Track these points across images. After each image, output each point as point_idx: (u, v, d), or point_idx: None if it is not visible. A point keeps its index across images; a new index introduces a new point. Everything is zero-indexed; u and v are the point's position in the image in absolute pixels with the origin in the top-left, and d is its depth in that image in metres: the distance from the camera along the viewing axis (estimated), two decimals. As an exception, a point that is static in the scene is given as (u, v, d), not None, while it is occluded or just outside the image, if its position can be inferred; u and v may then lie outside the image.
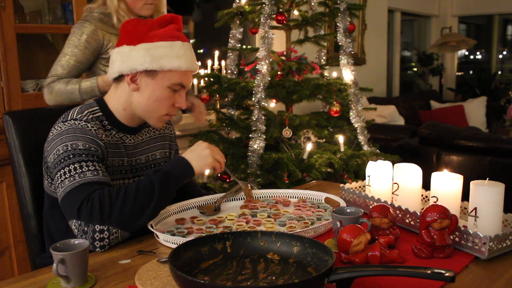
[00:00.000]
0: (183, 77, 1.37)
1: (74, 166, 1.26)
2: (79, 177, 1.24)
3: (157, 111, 1.40)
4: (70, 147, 1.28)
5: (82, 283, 1.03)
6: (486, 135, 3.78)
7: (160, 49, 1.32)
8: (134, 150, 1.48)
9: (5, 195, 2.30)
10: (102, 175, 1.28)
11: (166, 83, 1.35)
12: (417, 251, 1.14)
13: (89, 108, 1.39)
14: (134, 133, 1.48)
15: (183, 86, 1.39)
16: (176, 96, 1.40)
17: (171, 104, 1.40)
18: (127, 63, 1.34)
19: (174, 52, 1.33)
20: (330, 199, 1.54)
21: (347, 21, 2.90)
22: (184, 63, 1.35)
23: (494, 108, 6.27)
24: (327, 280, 0.88)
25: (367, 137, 2.94)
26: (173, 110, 1.42)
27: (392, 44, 6.51)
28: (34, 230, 1.54)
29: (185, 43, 1.38)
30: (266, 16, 2.63)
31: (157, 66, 1.32)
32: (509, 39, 8.60)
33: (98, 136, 1.33)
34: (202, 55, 4.56)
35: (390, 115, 5.19)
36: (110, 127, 1.41)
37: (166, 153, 1.60)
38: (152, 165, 1.53)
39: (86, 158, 1.27)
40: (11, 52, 2.29)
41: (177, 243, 1.18)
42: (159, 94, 1.36)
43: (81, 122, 1.33)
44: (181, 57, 1.35)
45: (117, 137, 1.42)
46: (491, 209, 1.15)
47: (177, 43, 1.35)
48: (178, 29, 1.39)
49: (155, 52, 1.32)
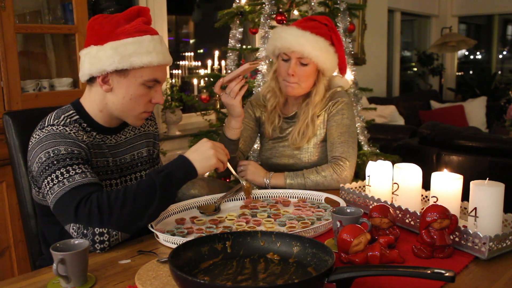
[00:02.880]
0: (156, 72, 1.33)
1: (60, 172, 1.23)
2: (68, 182, 1.22)
3: (134, 110, 1.36)
4: (52, 153, 1.25)
5: (82, 283, 1.03)
6: (486, 135, 3.78)
7: (128, 46, 1.28)
8: (118, 150, 1.45)
9: (5, 195, 2.30)
10: (90, 176, 1.25)
11: (139, 80, 1.32)
12: (417, 251, 1.14)
13: (65, 113, 1.35)
14: (115, 133, 1.45)
15: (158, 81, 1.36)
16: (152, 92, 1.36)
17: (147, 101, 1.36)
18: (96, 64, 1.30)
19: (144, 47, 1.29)
20: (330, 199, 1.54)
21: (347, 21, 2.90)
22: (155, 58, 1.30)
23: (494, 108, 6.27)
24: (327, 280, 0.88)
25: (367, 137, 2.94)
26: (150, 106, 1.39)
27: (392, 44, 6.51)
28: (34, 230, 1.54)
29: (155, 36, 1.33)
30: (266, 16, 2.63)
31: (127, 64, 1.28)
32: (509, 39, 8.59)
33: (78, 139, 1.30)
34: (202, 55, 4.56)
35: (390, 115, 5.19)
36: (90, 129, 1.38)
37: (151, 150, 1.58)
38: (139, 163, 1.51)
39: (71, 161, 1.25)
40: (11, 52, 2.29)
41: (177, 243, 1.18)
42: (134, 93, 1.33)
43: (59, 127, 1.30)
44: (151, 52, 1.30)
45: (99, 138, 1.39)
46: (491, 209, 1.15)
47: (146, 38, 1.30)
48: (146, 22, 1.34)
49: (123, 51, 1.28)
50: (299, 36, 1.74)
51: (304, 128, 1.82)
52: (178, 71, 4.11)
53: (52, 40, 2.80)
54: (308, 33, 1.74)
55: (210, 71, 3.58)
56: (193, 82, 3.57)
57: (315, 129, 1.83)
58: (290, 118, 1.89)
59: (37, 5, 2.73)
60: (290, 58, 1.75)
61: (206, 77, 3.14)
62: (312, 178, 1.73)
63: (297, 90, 1.79)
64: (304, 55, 1.72)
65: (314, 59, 1.73)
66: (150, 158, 1.57)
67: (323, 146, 1.85)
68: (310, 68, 1.76)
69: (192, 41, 4.87)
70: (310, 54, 1.72)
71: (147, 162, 1.55)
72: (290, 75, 1.75)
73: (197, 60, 4.33)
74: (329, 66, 1.78)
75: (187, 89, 4.13)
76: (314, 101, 1.81)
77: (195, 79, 3.56)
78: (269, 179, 1.75)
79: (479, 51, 8.55)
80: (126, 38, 1.29)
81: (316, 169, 1.76)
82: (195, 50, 4.75)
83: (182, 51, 4.53)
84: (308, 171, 1.75)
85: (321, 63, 1.75)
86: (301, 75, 1.75)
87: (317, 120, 1.83)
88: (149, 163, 1.56)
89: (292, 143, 1.84)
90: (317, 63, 1.75)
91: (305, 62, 1.74)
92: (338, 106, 1.81)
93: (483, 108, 6.14)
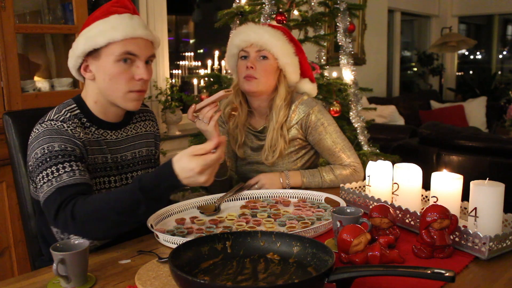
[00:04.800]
0: (127, 46, 1.31)
1: (51, 170, 1.24)
2: (56, 181, 1.22)
3: (118, 90, 1.34)
4: (46, 150, 1.26)
5: (82, 283, 1.03)
6: (486, 135, 3.79)
7: (94, 29, 1.31)
8: (118, 146, 1.45)
9: (5, 195, 2.30)
10: (79, 175, 1.25)
11: (111, 58, 1.31)
12: (417, 251, 1.14)
13: (67, 107, 1.37)
14: (116, 129, 1.45)
15: (134, 55, 1.32)
16: (133, 68, 1.33)
17: (129, 78, 1.33)
18: (72, 57, 1.36)
19: (109, 25, 1.30)
20: (330, 199, 1.54)
21: (347, 21, 2.90)
22: (121, 32, 1.29)
23: (494, 108, 6.27)
24: (327, 280, 0.88)
25: (367, 137, 2.94)
26: (136, 84, 1.35)
27: (392, 44, 6.51)
28: (34, 230, 1.54)
29: (123, 14, 1.32)
30: (266, 16, 2.63)
31: (93, 44, 1.30)
32: (509, 39, 8.60)
33: (75, 136, 1.31)
34: (202, 55, 4.56)
35: (390, 115, 5.19)
36: (90, 124, 1.38)
37: (152, 150, 1.57)
38: (139, 162, 1.51)
39: (63, 159, 1.25)
40: (11, 52, 2.29)
41: (177, 243, 1.18)
42: (110, 71, 1.31)
43: (57, 122, 1.31)
44: (117, 27, 1.30)
45: (98, 134, 1.39)
46: (491, 209, 1.15)
47: (112, 17, 1.31)
48: (114, 5, 1.34)
49: (90, 34, 1.31)
50: (257, 28, 1.74)
51: (275, 141, 1.77)
52: (178, 71, 4.12)
53: (52, 40, 2.80)
54: (266, 26, 1.75)
55: (210, 71, 3.58)
56: (193, 82, 3.57)
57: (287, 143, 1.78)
58: (260, 132, 1.84)
59: (37, 5, 2.73)
60: (249, 54, 1.73)
61: (206, 77, 3.14)
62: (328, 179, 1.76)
63: (256, 86, 1.71)
64: (263, 46, 1.70)
65: (273, 50, 1.70)
66: (150, 158, 1.56)
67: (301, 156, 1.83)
68: (270, 63, 1.72)
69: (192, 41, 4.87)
70: (268, 44, 1.69)
71: (147, 162, 1.55)
72: (249, 67, 1.70)
73: (197, 60, 4.33)
74: (289, 61, 1.74)
75: (187, 89, 4.13)
76: (276, 105, 1.75)
77: (195, 79, 3.56)
78: (288, 180, 1.75)
79: (479, 51, 8.56)
80: (94, 22, 1.32)
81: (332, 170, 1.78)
82: (195, 50, 4.75)
83: (182, 51, 4.54)
84: (324, 171, 1.78)
85: (280, 56, 1.72)
86: (261, 69, 1.70)
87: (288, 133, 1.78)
88: (149, 163, 1.56)
89: (265, 159, 1.80)
90: (276, 56, 1.71)
91: (264, 54, 1.72)
92: (312, 118, 1.76)
93: (483, 108, 6.14)
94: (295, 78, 1.80)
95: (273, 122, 1.77)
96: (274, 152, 1.78)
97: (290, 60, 1.75)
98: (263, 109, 1.82)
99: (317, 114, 1.77)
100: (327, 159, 1.84)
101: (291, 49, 1.76)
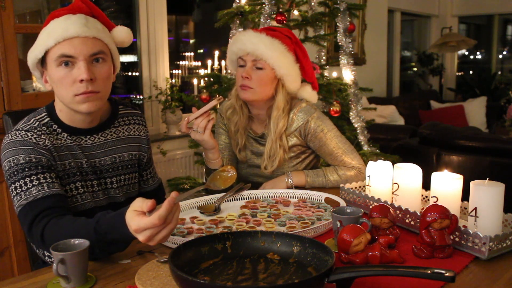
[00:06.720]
0: (61, 48, 1.27)
1: (19, 183, 1.24)
2: (25, 195, 1.23)
3: (65, 95, 1.30)
4: (12, 163, 1.26)
5: (82, 283, 1.03)
6: (486, 135, 3.79)
7: (37, 40, 1.31)
8: (96, 151, 1.40)
9: (5, 195, 2.30)
10: (47, 187, 1.24)
11: (52, 64, 1.29)
12: (417, 251, 1.14)
13: (37, 116, 1.36)
14: (91, 134, 1.41)
15: (69, 56, 1.27)
16: (74, 70, 1.27)
17: (72, 82, 1.28)
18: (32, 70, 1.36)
19: (45, 32, 1.29)
20: (330, 199, 1.54)
21: (347, 21, 2.90)
22: (53, 36, 1.27)
23: (494, 108, 6.28)
24: (327, 280, 0.88)
25: (367, 137, 2.94)
26: (79, 86, 1.28)
27: (392, 44, 6.51)
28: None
29: (60, 17, 1.30)
30: (266, 16, 2.63)
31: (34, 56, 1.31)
32: (509, 39, 8.59)
33: (39, 144, 1.29)
34: (202, 55, 4.56)
35: (390, 115, 5.19)
36: (61, 130, 1.36)
37: (136, 155, 1.51)
38: (120, 167, 1.46)
39: (29, 172, 1.24)
40: (11, 52, 2.29)
41: (177, 243, 1.18)
42: (55, 78, 1.29)
43: (21, 132, 1.30)
44: (51, 32, 1.28)
45: (71, 139, 1.36)
46: (491, 209, 1.16)
47: (51, 23, 1.30)
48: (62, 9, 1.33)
49: (34, 46, 1.31)
50: (253, 37, 1.70)
51: (274, 151, 1.76)
52: (178, 71, 4.12)
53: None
54: (263, 35, 1.70)
55: (210, 71, 3.58)
56: (193, 82, 3.57)
57: (286, 151, 1.78)
58: (260, 137, 1.85)
59: (37, 5, 2.74)
60: (245, 63, 1.71)
61: (206, 77, 3.14)
62: (332, 178, 1.77)
63: (251, 95, 1.71)
64: (258, 57, 1.68)
65: (269, 61, 1.68)
66: (134, 163, 1.51)
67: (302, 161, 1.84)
68: (266, 73, 1.70)
69: (192, 41, 4.87)
70: (264, 55, 1.67)
71: (130, 167, 1.49)
72: (244, 77, 1.69)
73: (197, 60, 4.33)
74: (287, 72, 1.71)
75: (187, 89, 4.13)
76: (274, 116, 1.75)
77: (195, 79, 3.57)
78: (291, 179, 1.75)
79: (479, 51, 8.55)
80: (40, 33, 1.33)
81: (336, 170, 1.78)
82: (195, 50, 4.75)
83: (182, 51, 4.54)
84: (328, 171, 1.78)
85: (277, 67, 1.69)
86: (256, 79, 1.69)
87: (288, 141, 1.78)
88: (132, 168, 1.50)
89: (264, 168, 1.79)
90: (272, 66, 1.69)
91: (260, 66, 1.70)
92: (311, 125, 1.76)
93: (483, 108, 6.14)
94: (295, 87, 1.77)
95: (271, 133, 1.76)
96: (273, 162, 1.78)
97: (288, 71, 1.72)
98: (262, 116, 1.82)
99: (316, 121, 1.77)
100: (331, 164, 1.83)
101: (290, 58, 1.73)
